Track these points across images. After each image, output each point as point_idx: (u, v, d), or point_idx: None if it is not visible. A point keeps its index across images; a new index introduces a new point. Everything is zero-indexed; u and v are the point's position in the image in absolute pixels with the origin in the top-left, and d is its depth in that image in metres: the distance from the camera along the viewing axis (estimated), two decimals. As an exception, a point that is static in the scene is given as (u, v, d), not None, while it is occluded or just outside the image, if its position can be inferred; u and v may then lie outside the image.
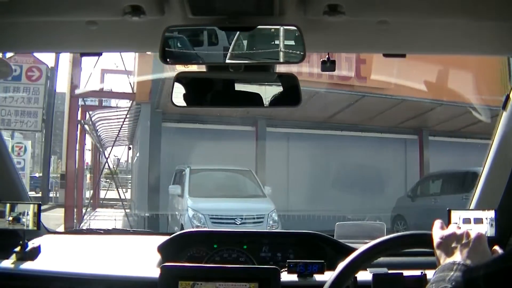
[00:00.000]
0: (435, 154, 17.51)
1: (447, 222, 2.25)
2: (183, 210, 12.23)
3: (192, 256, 2.53)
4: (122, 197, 19.02)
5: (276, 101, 2.16)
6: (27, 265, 2.36)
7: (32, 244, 2.49)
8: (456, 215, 2.23)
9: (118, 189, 18.90)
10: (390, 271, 2.08)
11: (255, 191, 13.28)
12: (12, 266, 2.34)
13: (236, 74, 2.04)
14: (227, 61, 1.91)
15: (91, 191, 23.17)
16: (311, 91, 13.75)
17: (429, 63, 12.61)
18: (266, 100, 2.16)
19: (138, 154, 19.20)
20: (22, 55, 27.31)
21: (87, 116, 17.81)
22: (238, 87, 2.12)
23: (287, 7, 1.79)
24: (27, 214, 2.44)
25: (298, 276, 2.21)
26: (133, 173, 24.83)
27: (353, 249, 1.93)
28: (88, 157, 25.34)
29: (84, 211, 17.86)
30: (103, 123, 19.34)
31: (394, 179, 17.35)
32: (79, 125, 17.26)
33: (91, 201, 21.14)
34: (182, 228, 11.07)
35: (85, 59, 17.86)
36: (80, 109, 16.94)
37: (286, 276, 2.19)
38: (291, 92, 2.07)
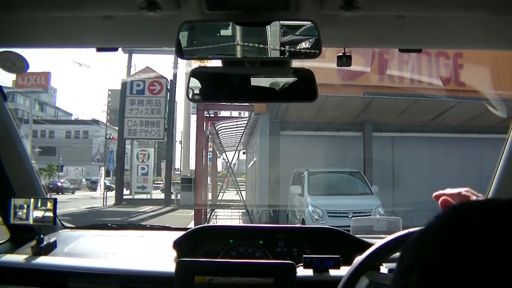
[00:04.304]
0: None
1: None
2: (303, 206, 14.02)
3: (208, 251, 2.52)
4: (239, 198, 20.58)
5: (292, 96, 2.16)
6: (43, 260, 2.38)
7: (47, 239, 2.51)
8: None
9: (239, 191, 21.44)
10: None
11: (364, 190, 14.93)
12: (28, 260, 2.36)
13: (252, 69, 2.03)
14: (243, 56, 1.91)
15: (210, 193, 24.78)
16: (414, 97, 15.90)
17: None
18: (282, 95, 2.14)
19: (255, 159, 21.23)
20: (145, 71, 29.15)
21: (209, 126, 20.14)
22: (254, 82, 2.11)
23: (303, 1, 1.77)
24: (43, 209, 2.45)
25: (314, 271, 2.20)
26: (248, 176, 27.09)
27: (369, 244, 1.91)
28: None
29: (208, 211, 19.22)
30: (224, 132, 20.57)
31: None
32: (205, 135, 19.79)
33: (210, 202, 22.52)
34: (303, 222, 13.42)
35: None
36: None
37: (302, 271, 2.19)
38: (307, 87, 2.04)
